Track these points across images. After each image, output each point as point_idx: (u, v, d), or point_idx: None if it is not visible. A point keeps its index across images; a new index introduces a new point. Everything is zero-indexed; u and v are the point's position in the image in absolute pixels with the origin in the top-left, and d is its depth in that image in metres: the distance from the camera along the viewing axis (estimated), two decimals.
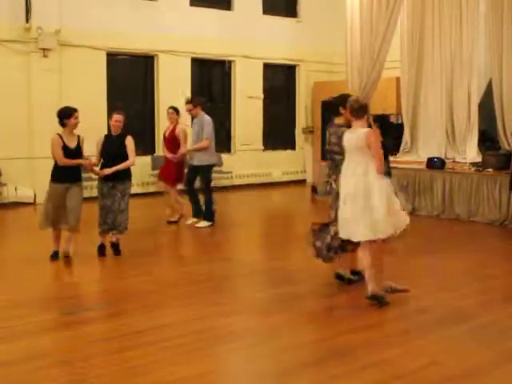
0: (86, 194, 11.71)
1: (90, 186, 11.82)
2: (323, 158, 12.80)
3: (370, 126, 5.91)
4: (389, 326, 5.28)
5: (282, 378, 4.22)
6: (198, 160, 9.27)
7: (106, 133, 7.93)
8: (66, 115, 7.26)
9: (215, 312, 5.58)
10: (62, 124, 7.25)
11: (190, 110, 9.50)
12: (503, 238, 9.04)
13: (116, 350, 4.65)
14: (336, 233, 5.91)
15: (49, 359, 4.44)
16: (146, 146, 12.97)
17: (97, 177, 7.61)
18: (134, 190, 12.08)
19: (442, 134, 12.09)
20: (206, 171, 9.42)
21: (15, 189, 11.47)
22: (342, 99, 6.04)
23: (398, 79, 13.00)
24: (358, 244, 5.69)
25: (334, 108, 6.28)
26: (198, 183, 9.61)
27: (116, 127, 7.53)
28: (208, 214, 9.26)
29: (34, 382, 4.07)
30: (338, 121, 6.19)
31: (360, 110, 5.65)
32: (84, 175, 7.67)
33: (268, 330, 5.16)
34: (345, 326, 5.20)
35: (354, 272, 6.22)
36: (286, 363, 4.43)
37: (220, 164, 12.72)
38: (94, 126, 8.76)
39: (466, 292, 6.23)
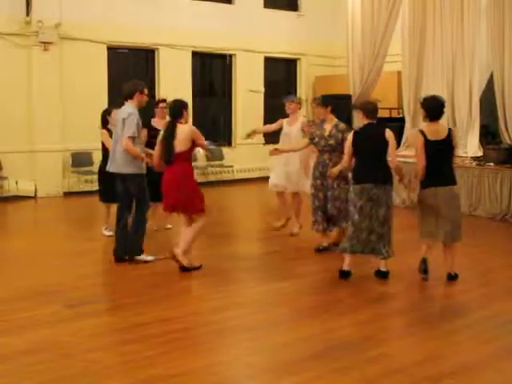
0: (88, 187, 11.82)
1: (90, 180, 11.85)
2: None
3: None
4: (389, 319, 5.29)
5: (283, 371, 4.23)
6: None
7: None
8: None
9: (217, 306, 5.59)
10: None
11: None
12: (504, 232, 9.05)
13: (118, 343, 4.67)
14: None
15: (51, 352, 4.45)
16: None
17: None
18: None
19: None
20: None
21: (16, 182, 11.47)
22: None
23: (399, 73, 12.98)
24: None
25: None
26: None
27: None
28: None
29: (36, 375, 4.08)
30: None
31: None
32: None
33: (269, 324, 5.17)
34: (345, 320, 5.22)
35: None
36: (286, 356, 4.45)
37: None
38: (94, 120, 8.71)
39: (467, 286, 6.24)
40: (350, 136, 6.33)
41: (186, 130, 6.39)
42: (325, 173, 7.11)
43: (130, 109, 6.71)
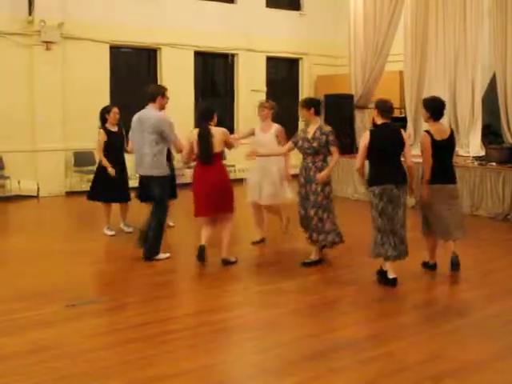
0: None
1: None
2: None
3: None
4: (391, 319, 5.28)
5: (285, 370, 4.23)
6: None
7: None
8: None
9: (217, 306, 5.60)
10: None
11: None
12: (506, 232, 9.03)
13: (119, 343, 4.67)
14: None
15: (52, 352, 4.45)
16: None
17: None
18: None
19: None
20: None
21: (18, 182, 11.49)
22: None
23: (401, 73, 12.97)
24: None
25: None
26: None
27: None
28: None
29: (37, 375, 4.08)
30: None
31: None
32: None
33: (270, 324, 5.17)
34: (347, 320, 5.22)
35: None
36: (288, 356, 4.44)
37: None
38: (96, 119, 8.70)
39: (469, 286, 6.24)
40: (365, 136, 6.14)
41: (220, 131, 6.76)
42: (307, 177, 6.74)
43: (158, 113, 6.93)
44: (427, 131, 6.31)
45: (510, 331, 5.01)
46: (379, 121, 6.16)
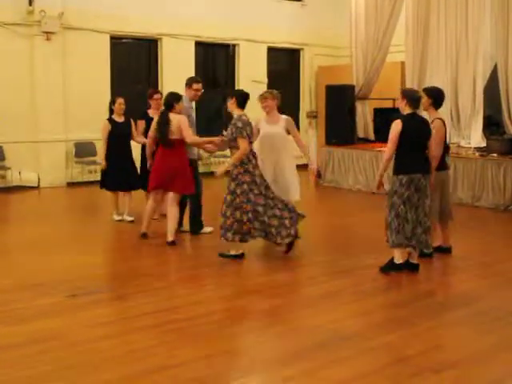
0: (91, 177, 11.90)
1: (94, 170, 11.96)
2: (327, 142, 12.78)
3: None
4: (392, 309, 5.29)
5: (285, 360, 4.23)
6: None
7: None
8: None
9: (220, 296, 5.60)
10: None
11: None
12: (507, 223, 9.03)
13: (120, 332, 4.68)
14: None
15: (53, 342, 4.45)
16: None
17: None
18: None
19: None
20: None
21: (19, 173, 11.49)
22: None
23: (402, 63, 12.92)
24: None
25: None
26: None
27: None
28: None
29: (39, 365, 4.09)
30: None
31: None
32: None
33: (271, 314, 5.18)
34: (348, 311, 5.22)
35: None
36: (289, 346, 4.45)
37: None
38: (97, 110, 8.72)
39: (469, 276, 6.24)
40: (396, 124, 6.01)
41: (176, 118, 7.06)
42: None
43: (185, 104, 7.42)
44: (441, 119, 6.52)
45: (510, 322, 5.01)
46: (407, 110, 6.08)
